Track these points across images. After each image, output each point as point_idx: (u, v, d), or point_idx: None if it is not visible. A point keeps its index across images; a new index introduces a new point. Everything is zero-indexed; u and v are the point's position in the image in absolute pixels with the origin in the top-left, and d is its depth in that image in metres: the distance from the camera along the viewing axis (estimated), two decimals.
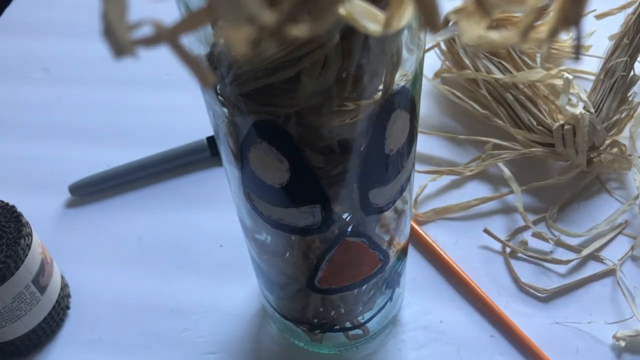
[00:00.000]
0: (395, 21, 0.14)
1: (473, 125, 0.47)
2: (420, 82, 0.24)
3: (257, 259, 0.32)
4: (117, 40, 0.11)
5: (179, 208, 0.45)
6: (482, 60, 0.45)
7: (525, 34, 0.15)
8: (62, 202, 0.46)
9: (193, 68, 0.12)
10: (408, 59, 0.22)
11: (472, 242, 0.42)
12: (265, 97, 0.20)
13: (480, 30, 0.15)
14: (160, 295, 0.40)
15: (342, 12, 0.14)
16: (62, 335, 0.39)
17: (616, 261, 0.40)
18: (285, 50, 0.18)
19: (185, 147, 0.47)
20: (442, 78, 0.50)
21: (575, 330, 0.37)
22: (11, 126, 0.52)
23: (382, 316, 0.35)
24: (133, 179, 0.46)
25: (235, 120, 0.22)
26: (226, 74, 0.20)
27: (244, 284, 0.40)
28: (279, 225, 0.26)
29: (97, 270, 0.42)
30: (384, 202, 0.26)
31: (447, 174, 0.44)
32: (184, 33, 0.12)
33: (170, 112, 0.51)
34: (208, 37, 0.20)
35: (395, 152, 0.24)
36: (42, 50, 0.58)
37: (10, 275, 0.34)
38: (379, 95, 0.21)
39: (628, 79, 0.42)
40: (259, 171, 0.23)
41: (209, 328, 0.39)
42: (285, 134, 0.21)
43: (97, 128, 0.51)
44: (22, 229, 0.35)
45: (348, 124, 0.21)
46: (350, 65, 0.19)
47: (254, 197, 0.25)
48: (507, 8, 0.14)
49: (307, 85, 0.19)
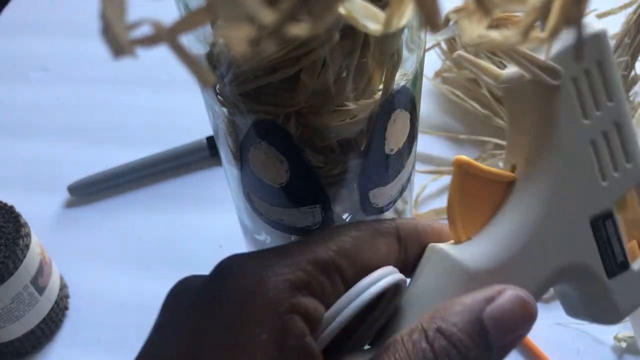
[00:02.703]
0: (395, 20, 0.14)
1: (474, 124, 0.47)
2: (421, 82, 0.24)
3: None
4: (116, 39, 0.11)
5: (178, 208, 0.45)
6: (483, 60, 0.45)
7: (526, 33, 0.14)
8: (61, 202, 0.46)
9: (193, 68, 0.12)
10: (408, 59, 0.22)
11: None
12: (264, 96, 0.20)
13: (481, 30, 0.15)
14: (159, 295, 0.40)
15: (342, 11, 0.14)
16: (61, 335, 0.39)
17: None
18: (285, 49, 0.18)
19: (185, 147, 0.47)
20: (442, 77, 0.50)
21: (577, 331, 0.37)
22: (10, 126, 0.51)
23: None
24: (133, 179, 0.46)
25: (235, 120, 0.22)
26: (226, 73, 0.20)
27: None
28: (279, 225, 0.26)
29: (96, 270, 0.42)
30: (384, 202, 0.26)
31: (447, 174, 0.44)
32: (184, 32, 0.12)
33: (170, 112, 0.51)
34: (207, 37, 0.20)
35: (395, 152, 0.24)
36: (41, 50, 0.58)
37: (9, 275, 0.34)
38: (379, 95, 0.21)
39: (629, 78, 0.42)
40: (258, 171, 0.23)
41: None
42: (285, 134, 0.21)
43: (97, 128, 0.51)
44: (21, 229, 0.35)
45: (348, 123, 0.21)
46: (350, 65, 0.19)
47: (254, 197, 0.25)
48: (508, 7, 0.14)
49: (306, 84, 0.19)
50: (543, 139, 0.20)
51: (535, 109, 0.21)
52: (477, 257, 0.20)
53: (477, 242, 0.20)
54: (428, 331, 0.18)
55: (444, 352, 0.18)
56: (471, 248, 0.20)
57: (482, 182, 0.21)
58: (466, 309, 0.18)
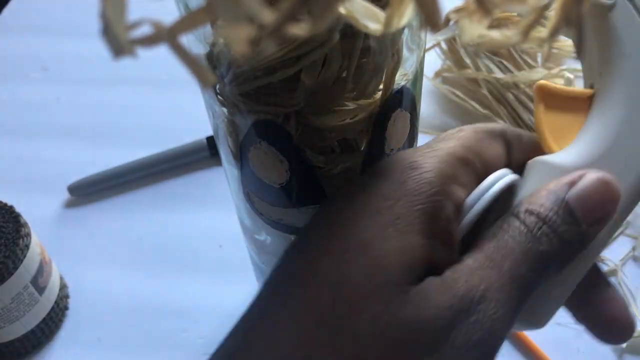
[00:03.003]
0: (395, 20, 0.14)
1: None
2: (421, 82, 0.24)
3: (257, 259, 0.32)
4: (116, 39, 0.11)
5: (178, 208, 0.45)
6: (483, 60, 0.45)
7: (526, 33, 0.14)
8: (61, 202, 0.46)
9: (193, 68, 0.11)
10: (408, 59, 0.22)
11: None
12: (264, 96, 0.20)
13: (481, 30, 0.15)
14: (159, 295, 0.40)
15: (342, 11, 0.14)
16: (61, 335, 0.39)
17: (617, 262, 0.40)
18: (285, 49, 0.18)
19: (185, 147, 0.47)
20: (442, 77, 0.50)
21: (577, 331, 0.37)
22: (10, 126, 0.51)
23: None
24: (133, 179, 0.46)
25: (235, 119, 0.22)
26: (226, 73, 0.20)
27: (244, 284, 0.39)
28: (279, 225, 0.26)
29: (96, 270, 0.42)
30: None
31: None
32: (184, 32, 0.12)
33: (170, 112, 0.51)
34: (207, 37, 0.20)
35: (395, 152, 0.24)
36: (41, 50, 0.58)
37: (9, 275, 0.34)
38: (379, 95, 0.21)
39: None
40: (258, 171, 0.23)
41: (208, 329, 0.38)
42: (285, 134, 0.21)
43: (97, 128, 0.51)
44: (21, 229, 0.35)
45: (348, 123, 0.21)
46: (350, 65, 0.19)
47: (254, 197, 0.25)
48: (508, 7, 0.14)
49: (306, 84, 0.19)
50: (611, 51, 0.23)
51: (597, 28, 0.23)
52: (570, 158, 0.22)
53: (570, 149, 0.23)
54: (518, 214, 0.19)
55: (535, 226, 0.19)
56: (564, 154, 0.22)
57: (563, 99, 0.23)
58: (550, 192, 0.20)
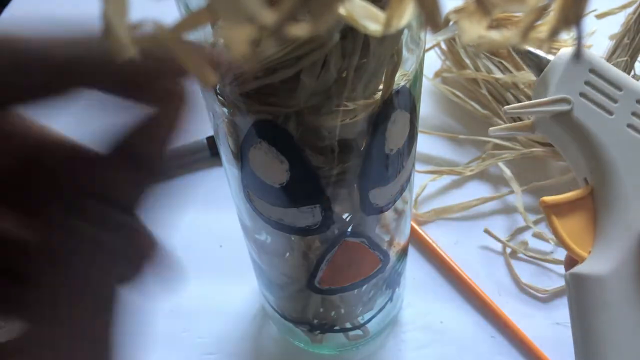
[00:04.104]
0: (395, 21, 0.14)
1: (473, 125, 0.47)
2: (421, 82, 0.24)
3: (257, 259, 0.32)
4: (117, 40, 0.11)
5: (178, 208, 0.45)
6: (483, 60, 0.45)
7: (526, 33, 0.14)
8: None
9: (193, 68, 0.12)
10: (408, 59, 0.22)
11: (472, 242, 0.41)
12: (265, 96, 0.20)
13: (481, 30, 0.15)
14: (159, 295, 0.40)
15: (342, 12, 0.14)
16: None
17: None
18: (285, 49, 0.18)
19: (185, 147, 0.47)
20: (442, 78, 0.50)
21: None
22: None
23: (382, 316, 0.35)
24: None
25: (235, 120, 0.22)
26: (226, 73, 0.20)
27: (244, 284, 0.40)
28: (279, 225, 0.26)
29: None
30: (384, 202, 0.26)
31: (447, 174, 0.44)
32: (185, 33, 0.12)
33: None
34: (208, 37, 0.20)
35: (395, 152, 0.24)
36: None
37: None
38: (379, 95, 0.21)
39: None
40: (258, 171, 0.23)
41: (208, 328, 0.38)
42: (285, 134, 0.21)
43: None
44: None
45: (348, 124, 0.21)
46: (350, 65, 0.19)
47: (254, 197, 0.25)
48: (508, 8, 0.14)
49: (306, 85, 0.19)
50: (590, 150, 0.24)
51: (569, 132, 0.25)
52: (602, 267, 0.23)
53: (598, 254, 0.24)
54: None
55: None
56: (596, 262, 0.24)
57: (568, 205, 0.25)
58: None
